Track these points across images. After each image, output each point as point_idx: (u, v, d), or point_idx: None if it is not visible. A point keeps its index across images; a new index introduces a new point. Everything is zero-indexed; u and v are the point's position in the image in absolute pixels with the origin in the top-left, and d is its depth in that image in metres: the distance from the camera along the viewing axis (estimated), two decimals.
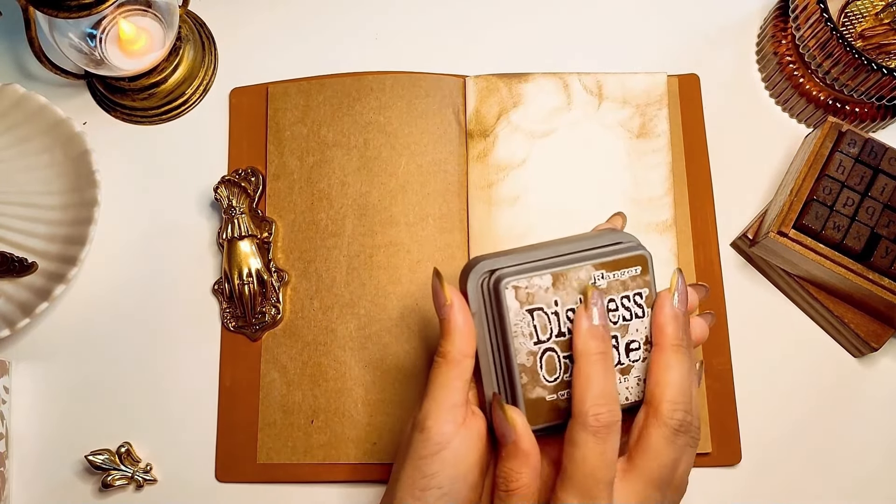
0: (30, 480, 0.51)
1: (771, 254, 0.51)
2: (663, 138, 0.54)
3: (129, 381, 0.52)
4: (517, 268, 0.37)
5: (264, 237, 0.53)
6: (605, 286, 0.38)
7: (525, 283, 0.37)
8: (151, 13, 0.55)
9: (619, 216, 0.45)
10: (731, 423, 0.50)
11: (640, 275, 0.38)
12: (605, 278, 0.38)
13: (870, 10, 0.55)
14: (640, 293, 0.38)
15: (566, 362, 0.38)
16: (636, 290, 0.38)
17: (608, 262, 0.38)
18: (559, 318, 0.37)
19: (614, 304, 0.38)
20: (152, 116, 0.57)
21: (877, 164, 0.49)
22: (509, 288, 0.37)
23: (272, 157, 0.55)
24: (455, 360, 0.37)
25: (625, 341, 0.38)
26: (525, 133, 0.54)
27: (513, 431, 0.36)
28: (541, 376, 0.37)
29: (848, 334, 0.51)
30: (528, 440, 0.36)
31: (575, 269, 0.37)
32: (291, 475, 0.50)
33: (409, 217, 0.53)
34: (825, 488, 0.50)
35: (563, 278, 0.37)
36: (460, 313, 0.38)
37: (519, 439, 0.36)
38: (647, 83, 0.55)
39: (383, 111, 0.55)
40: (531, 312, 0.37)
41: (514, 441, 0.36)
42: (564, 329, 0.37)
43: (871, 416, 0.52)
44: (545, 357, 0.37)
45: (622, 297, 0.38)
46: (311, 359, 0.51)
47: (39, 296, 0.51)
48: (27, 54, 0.55)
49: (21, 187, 0.54)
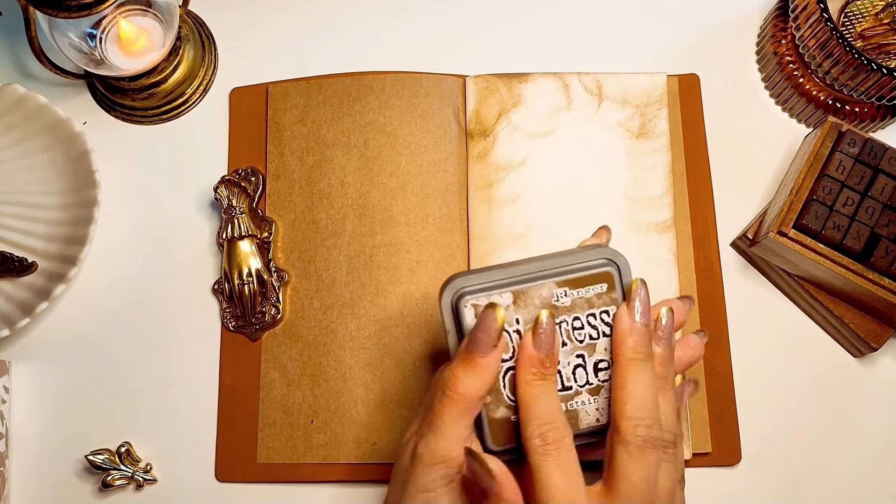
0: (30, 480, 0.51)
1: (771, 254, 0.51)
2: (663, 138, 0.54)
3: (129, 381, 0.52)
4: (480, 286, 0.37)
5: (264, 237, 0.53)
6: (570, 304, 0.37)
7: (484, 301, 0.36)
8: (151, 13, 0.55)
9: (604, 230, 0.44)
10: (731, 423, 0.50)
11: (606, 292, 0.37)
12: (569, 296, 0.37)
13: (870, 10, 0.55)
14: (606, 311, 0.37)
15: None
16: (602, 308, 0.37)
17: (571, 279, 0.37)
18: (521, 336, 0.36)
19: (580, 321, 0.37)
20: (152, 116, 0.57)
21: (877, 164, 0.49)
22: (468, 306, 0.36)
23: (272, 157, 0.55)
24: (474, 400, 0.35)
25: (592, 360, 0.37)
26: (525, 133, 0.54)
27: (493, 483, 0.34)
28: (504, 395, 0.37)
29: (848, 334, 0.51)
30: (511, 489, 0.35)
31: (536, 287, 0.36)
32: (291, 475, 0.50)
33: (409, 217, 0.53)
34: (825, 488, 0.50)
35: (523, 296, 0.36)
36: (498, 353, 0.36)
37: (502, 489, 0.34)
38: (646, 83, 0.55)
39: (383, 111, 0.55)
40: None
41: (497, 493, 0.34)
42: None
43: (870, 416, 0.52)
44: (508, 376, 0.37)
45: (587, 314, 0.37)
46: (311, 359, 0.51)
47: (39, 295, 0.51)
48: (27, 54, 0.55)
49: (21, 187, 0.54)
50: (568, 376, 0.37)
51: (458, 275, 0.38)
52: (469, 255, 0.53)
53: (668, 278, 0.52)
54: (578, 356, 0.37)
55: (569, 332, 0.37)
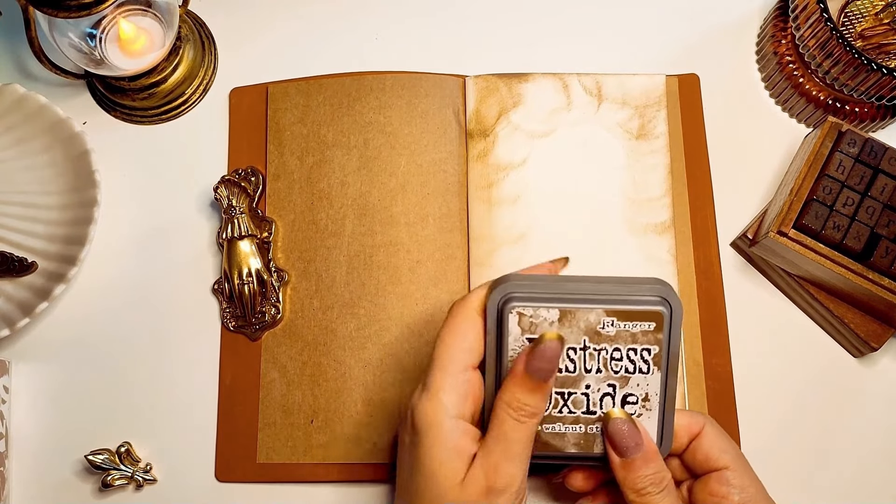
0: (30, 480, 0.51)
1: (771, 254, 0.51)
2: (662, 139, 0.54)
3: (129, 381, 0.52)
4: (530, 294, 0.37)
5: (264, 237, 0.53)
6: (613, 334, 0.37)
7: (530, 312, 0.36)
8: (151, 13, 0.55)
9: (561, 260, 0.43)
10: (731, 423, 0.50)
11: (653, 331, 0.37)
12: (615, 326, 0.37)
13: (870, 10, 0.55)
14: (648, 349, 0.37)
15: (557, 398, 0.37)
16: (645, 346, 0.37)
17: (622, 310, 0.36)
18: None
19: (619, 353, 0.37)
20: (152, 116, 0.57)
21: (877, 164, 0.49)
22: (513, 313, 0.36)
23: (272, 156, 0.55)
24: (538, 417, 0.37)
25: (622, 393, 0.37)
26: (525, 133, 0.54)
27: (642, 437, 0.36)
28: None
29: (848, 334, 0.51)
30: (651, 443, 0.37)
31: (585, 311, 0.36)
32: (291, 475, 0.50)
33: (409, 217, 0.53)
34: (825, 488, 0.50)
35: (570, 316, 0.36)
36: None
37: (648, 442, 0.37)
38: (645, 84, 0.55)
39: (383, 111, 0.55)
40: (530, 341, 0.36)
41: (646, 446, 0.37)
42: (562, 366, 0.37)
43: (870, 416, 0.51)
44: None
45: (629, 348, 0.37)
46: (311, 359, 0.51)
47: (39, 295, 0.51)
48: (27, 54, 0.55)
49: (21, 187, 0.54)
50: (595, 401, 0.38)
51: (511, 277, 0.38)
52: (469, 255, 0.53)
53: (667, 279, 0.52)
54: (610, 385, 0.37)
55: (606, 360, 0.37)
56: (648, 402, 0.38)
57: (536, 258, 0.52)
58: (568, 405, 0.38)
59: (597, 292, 0.37)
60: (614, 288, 0.37)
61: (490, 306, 0.37)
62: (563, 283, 0.37)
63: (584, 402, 0.38)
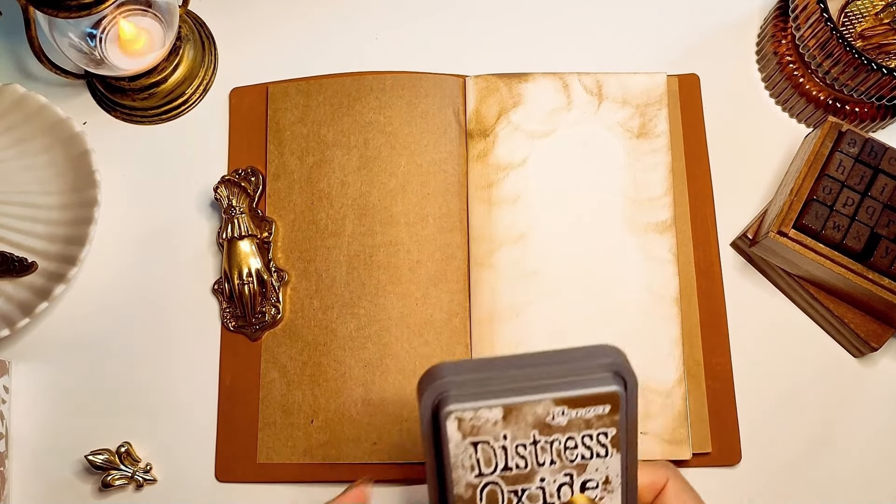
0: (30, 480, 0.51)
1: (771, 254, 0.51)
2: (663, 138, 0.54)
3: (129, 381, 0.52)
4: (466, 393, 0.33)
5: (264, 237, 0.53)
6: (565, 424, 0.33)
7: (470, 416, 0.33)
8: (151, 13, 0.55)
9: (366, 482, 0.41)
10: (731, 424, 0.50)
11: (609, 414, 0.33)
12: (566, 415, 0.33)
13: (870, 10, 0.55)
14: (605, 432, 0.34)
15: (510, 497, 0.34)
16: (601, 430, 0.34)
17: (571, 397, 0.33)
18: (507, 453, 0.34)
19: (573, 441, 0.34)
20: (152, 116, 0.57)
21: (877, 164, 0.49)
22: (451, 419, 0.32)
23: (272, 156, 0.55)
24: None
25: (581, 479, 0.35)
26: (525, 133, 0.54)
27: None
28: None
29: (848, 334, 0.51)
30: None
31: (531, 404, 0.33)
32: (291, 475, 0.50)
33: (409, 217, 0.53)
34: (825, 488, 0.50)
35: (515, 412, 0.33)
36: None
37: None
38: (646, 83, 0.55)
39: (383, 111, 0.55)
40: (475, 445, 0.33)
41: None
42: (512, 464, 0.34)
43: (871, 416, 0.51)
44: (487, 490, 0.34)
45: (583, 435, 0.34)
46: (311, 359, 0.51)
47: (39, 296, 0.51)
48: (27, 54, 0.55)
49: (21, 187, 0.54)
50: (552, 493, 0.35)
51: (440, 368, 0.34)
52: (469, 255, 0.53)
53: (668, 278, 0.52)
54: (566, 475, 0.35)
55: (559, 450, 0.34)
56: (609, 485, 0.35)
57: (536, 258, 0.52)
58: (523, 501, 0.35)
59: (541, 377, 0.33)
60: (560, 369, 0.34)
61: (423, 411, 0.33)
62: (501, 369, 0.34)
63: (539, 497, 0.35)
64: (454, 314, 0.52)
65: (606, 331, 0.51)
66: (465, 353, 0.51)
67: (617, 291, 0.52)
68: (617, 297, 0.52)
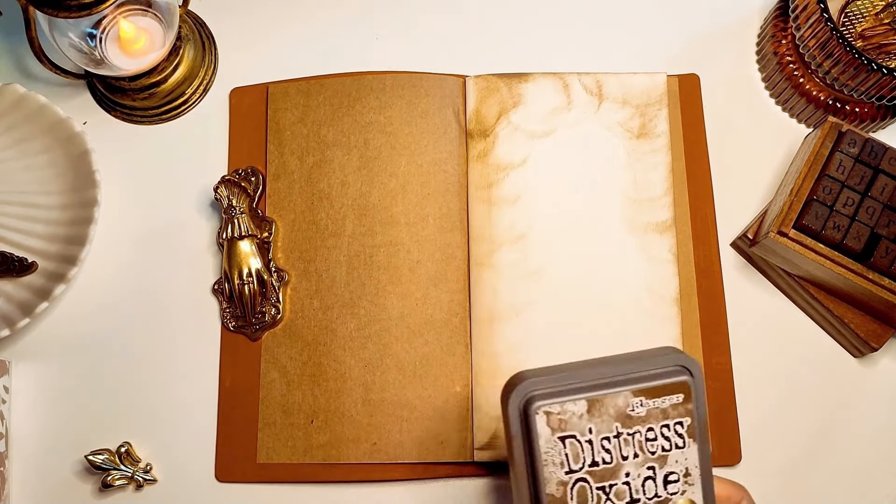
0: (30, 480, 0.51)
1: (771, 254, 0.51)
2: (663, 138, 0.54)
3: (129, 381, 0.52)
4: (552, 389, 0.35)
5: (264, 237, 0.53)
6: (644, 414, 0.36)
7: (557, 409, 0.35)
8: (151, 13, 0.55)
9: None
10: (731, 423, 0.50)
11: (682, 402, 0.36)
12: (644, 406, 0.36)
13: (870, 10, 0.55)
14: (681, 422, 0.36)
15: (599, 494, 0.36)
16: (677, 419, 0.36)
17: (647, 388, 0.35)
18: (593, 447, 0.35)
19: (653, 433, 0.36)
20: (152, 116, 0.57)
21: (877, 164, 0.49)
22: (540, 413, 0.35)
23: (272, 157, 0.55)
24: None
25: (663, 473, 0.36)
26: (525, 133, 0.54)
27: None
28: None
29: (848, 334, 0.51)
30: None
31: (612, 396, 0.35)
32: (291, 475, 0.50)
33: (409, 217, 0.53)
34: (825, 488, 0.50)
35: (598, 404, 0.35)
36: None
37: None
38: (646, 83, 0.55)
39: (383, 111, 0.55)
40: (563, 440, 0.35)
41: None
42: (598, 458, 0.36)
43: (871, 416, 0.51)
44: (576, 488, 0.35)
45: (661, 425, 0.36)
46: (311, 359, 0.51)
47: (39, 296, 0.51)
48: (27, 54, 0.55)
49: (21, 187, 0.54)
50: (637, 488, 0.36)
51: (525, 375, 0.36)
52: (469, 255, 0.53)
53: (668, 278, 0.52)
54: (649, 468, 0.36)
55: (641, 443, 0.36)
56: (690, 477, 0.36)
57: (537, 258, 0.52)
58: (611, 499, 0.36)
59: (617, 374, 0.36)
60: (632, 366, 0.36)
61: (511, 410, 0.36)
62: (579, 371, 0.36)
63: (626, 492, 0.36)
64: (454, 314, 0.52)
65: (606, 331, 0.51)
66: (465, 353, 0.51)
67: (617, 291, 0.52)
68: (617, 296, 0.52)
